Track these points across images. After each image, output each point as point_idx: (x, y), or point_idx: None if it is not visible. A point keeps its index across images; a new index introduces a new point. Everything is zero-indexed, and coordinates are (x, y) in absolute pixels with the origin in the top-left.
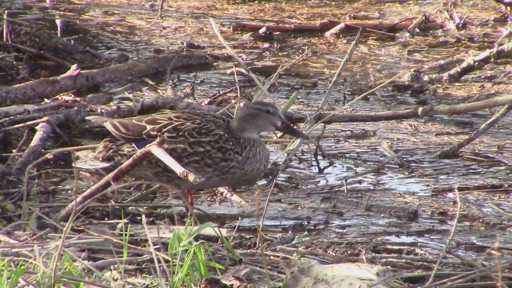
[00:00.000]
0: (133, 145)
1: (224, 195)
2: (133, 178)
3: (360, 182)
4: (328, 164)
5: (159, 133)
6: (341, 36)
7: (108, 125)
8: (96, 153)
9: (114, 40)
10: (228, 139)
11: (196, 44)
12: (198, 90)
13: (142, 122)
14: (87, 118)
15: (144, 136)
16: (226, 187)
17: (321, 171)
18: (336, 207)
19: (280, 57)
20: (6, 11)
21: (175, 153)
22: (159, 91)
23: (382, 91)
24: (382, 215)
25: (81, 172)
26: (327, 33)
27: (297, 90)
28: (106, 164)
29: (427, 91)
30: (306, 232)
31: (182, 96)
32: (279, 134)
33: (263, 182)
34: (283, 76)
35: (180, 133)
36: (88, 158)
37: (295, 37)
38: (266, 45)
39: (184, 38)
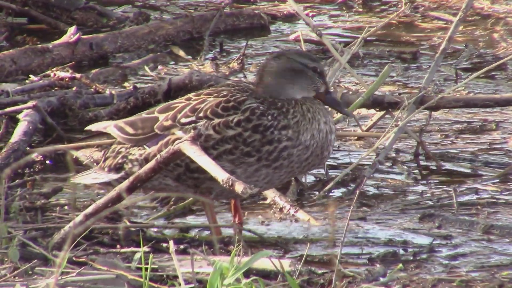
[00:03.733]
0: (145, 146)
1: (285, 210)
2: (152, 191)
3: (476, 192)
4: (435, 168)
5: (175, 122)
6: None
7: (113, 130)
8: (101, 161)
9: None
10: (265, 112)
11: None
12: (249, 64)
13: (154, 113)
14: (86, 128)
15: (156, 130)
16: (289, 198)
17: (423, 177)
18: (442, 228)
19: (366, 16)
20: None
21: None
22: (193, 64)
23: None
24: (508, 240)
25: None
26: None
27: (391, 63)
28: (115, 176)
29: None
30: (400, 265)
31: (227, 73)
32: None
33: (340, 193)
34: (371, 43)
35: (201, 114)
36: (91, 161)
37: None
38: None
39: None
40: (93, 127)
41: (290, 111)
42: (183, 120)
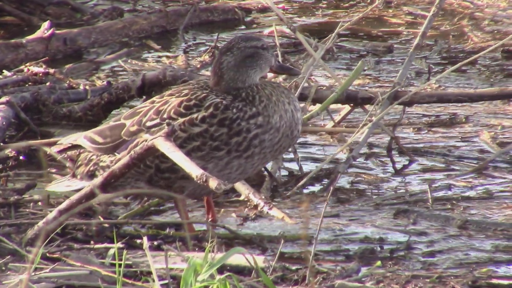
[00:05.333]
0: (115, 154)
1: (260, 208)
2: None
3: (450, 187)
4: (408, 162)
5: (141, 127)
6: None
7: (83, 142)
8: (74, 167)
9: None
10: (229, 105)
11: None
12: None
13: (120, 120)
14: (58, 142)
15: (124, 137)
16: (263, 195)
17: (397, 172)
18: (417, 224)
19: (339, 10)
20: None
21: None
22: (167, 59)
23: (485, 59)
24: (484, 236)
25: (55, 174)
26: None
27: (364, 58)
28: (87, 183)
29: None
30: (379, 262)
31: (199, 66)
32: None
33: (314, 188)
34: (344, 37)
35: (165, 116)
36: (64, 157)
37: None
38: None
39: None
40: (64, 140)
41: (256, 98)
42: (149, 124)
